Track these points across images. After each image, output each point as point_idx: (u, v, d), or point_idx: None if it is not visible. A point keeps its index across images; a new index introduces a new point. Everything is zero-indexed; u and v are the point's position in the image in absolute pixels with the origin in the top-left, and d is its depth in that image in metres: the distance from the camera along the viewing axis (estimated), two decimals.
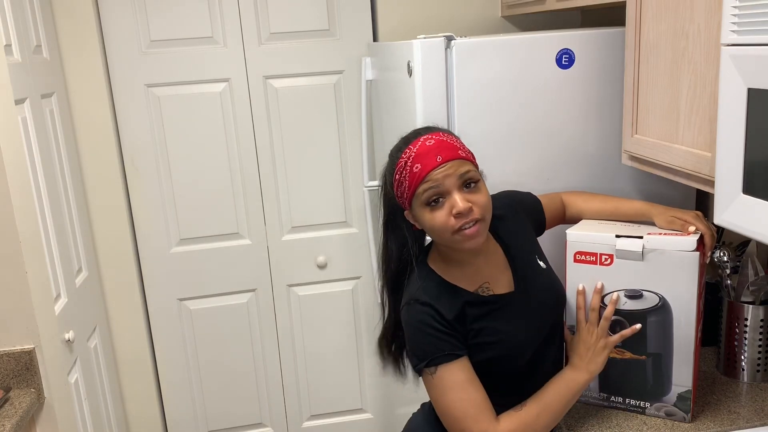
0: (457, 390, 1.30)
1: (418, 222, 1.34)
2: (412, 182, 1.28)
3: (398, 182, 1.32)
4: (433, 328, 1.30)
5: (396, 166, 1.32)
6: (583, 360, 1.39)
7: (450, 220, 1.27)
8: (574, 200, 1.64)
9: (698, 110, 1.32)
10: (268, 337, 2.67)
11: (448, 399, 1.31)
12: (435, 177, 1.27)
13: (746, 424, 1.43)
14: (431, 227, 1.30)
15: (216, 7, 2.36)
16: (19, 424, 1.55)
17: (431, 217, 1.29)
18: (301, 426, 2.77)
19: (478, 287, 1.37)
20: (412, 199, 1.31)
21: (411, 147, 1.31)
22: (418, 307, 1.32)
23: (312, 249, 2.60)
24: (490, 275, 1.39)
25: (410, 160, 1.29)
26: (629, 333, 1.41)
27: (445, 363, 1.30)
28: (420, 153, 1.29)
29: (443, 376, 1.30)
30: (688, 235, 1.38)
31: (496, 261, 1.42)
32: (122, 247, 2.44)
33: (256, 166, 2.51)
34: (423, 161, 1.28)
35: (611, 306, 1.42)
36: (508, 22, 2.48)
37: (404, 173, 1.30)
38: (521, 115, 1.75)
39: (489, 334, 1.34)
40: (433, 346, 1.30)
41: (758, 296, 1.57)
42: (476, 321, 1.34)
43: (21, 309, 1.67)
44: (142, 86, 2.38)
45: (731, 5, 1.09)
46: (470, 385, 1.30)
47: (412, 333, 1.34)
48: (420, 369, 1.33)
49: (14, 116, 1.67)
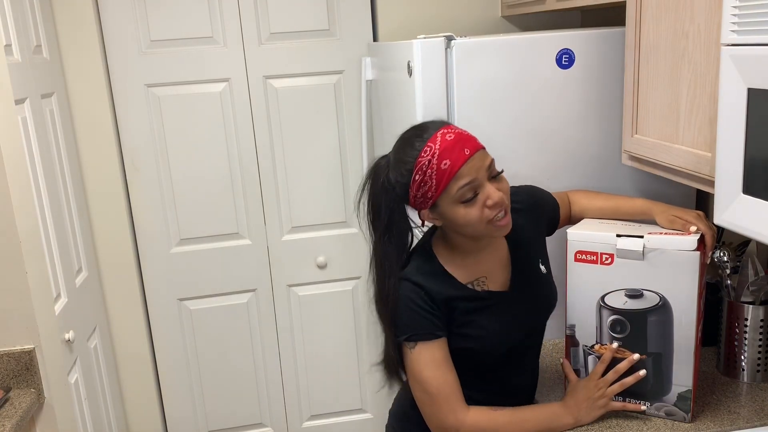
0: (433, 368, 1.33)
1: (444, 218, 1.30)
2: (442, 179, 1.24)
3: (420, 182, 1.26)
4: (418, 306, 1.32)
5: (416, 165, 1.26)
6: (578, 406, 1.42)
7: (485, 212, 1.26)
8: (577, 198, 1.65)
9: (698, 110, 1.32)
10: (268, 337, 2.67)
11: (425, 376, 1.34)
12: (468, 172, 1.24)
13: (746, 424, 1.43)
14: (466, 222, 1.27)
15: (216, 7, 2.36)
16: (19, 424, 1.55)
17: (466, 213, 1.26)
18: (301, 426, 2.77)
19: (474, 279, 1.38)
20: (439, 197, 1.26)
21: (431, 144, 1.25)
22: (408, 285, 1.34)
23: (312, 249, 2.60)
24: (489, 270, 1.40)
25: (435, 157, 1.24)
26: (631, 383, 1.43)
27: (424, 341, 1.33)
28: (445, 149, 1.24)
29: (422, 353, 1.33)
30: (689, 234, 1.38)
31: (499, 257, 1.42)
32: (122, 247, 2.44)
33: (256, 166, 2.51)
34: (451, 157, 1.24)
35: (626, 363, 1.43)
36: (508, 22, 2.48)
37: (430, 172, 1.24)
38: (521, 115, 1.75)
39: (474, 327, 1.36)
40: (416, 323, 1.33)
41: (758, 296, 1.57)
42: (464, 314, 1.36)
43: (21, 309, 1.67)
44: (142, 86, 2.38)
45: (731, 5, 1.09)
46: (446, 366, 1.34)
47: (398, 307, 1.35)
48: (400, 342, 1.35)
49: (14, 116, 1.67)
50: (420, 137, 1.28)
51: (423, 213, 1.33)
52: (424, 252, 1.39)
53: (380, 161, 1.36)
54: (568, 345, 1.53)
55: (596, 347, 1.49)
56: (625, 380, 1.44)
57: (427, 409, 1.37)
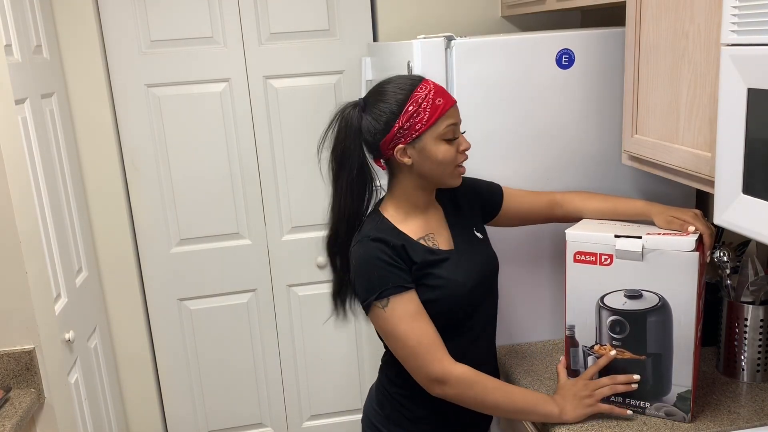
0: (409, 321, 1.34)
1: (420, 155, 1.37)
2: (435, 113, 1.34)
3: (413, 113, 1.34)
4: (384, 261, 1.35)
5: (412, 96, 1.35)
6: (566, 402, 1.43)
7: (457, 156, 1.40)
8: (571, 199, 1.65)
9: (698, 110, 1.32)
10: (268, 337, 2.67)
11: (402, 330, 1.35)
12: (454, 114, 1.38)
13: (746, 424, 1.43)
14: (443, 159, 1.38)
15: (216, 7, 2.36)
16: (19, 424, 1.55)
17: (445, 150, 1.37)
18: (301, 426, 2.77)
19: (425, 235, 1.44)
20: (427, 130, 1.35)
21: (427, 83, 1.37)
22: (369, 244, 1.37)
23: (312, 249, 2.60)
24: (434, 229, 1.47)
25: (431, 93, 1.35)
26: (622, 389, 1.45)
27: (396, 294, 1.34)
28: (439, 90, 1.37)
29: (395, 307, 1.34)
30: (687, 235, 1.38)
31: (438, 219, 1.50)
32: (122, 247, 2.44)
33: (256, 166, 2.51)
34: (444, 97, 1.36)
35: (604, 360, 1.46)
36: (508, 22, 2.48)
37: (425, 105, 1.34)
38: (521, 115, 1.75)
39: (433, 278, 1.40)
40: (384, 278, 1.35)
41: (758, 296, 1.57)
42: (421, 268, 1.39)
43: (21, 309, 1.67)
44: (142, 86, 2.38)
45: (731, 5, 1.09)
46: (421, 318, 1.35)
47: (362, 269, 1.38)
48: (370, 303, 1.36)
49: (14, 116, 1.67)
50: (410, 79, 1.39)
51: (397, 149, 1.37)
52: (375, 215, 1.45)
53: (347, 107, 1.41)
54: (568, 345, 1.53)
55: (596, 348, 1.49)
56: (616, 386, 1.45)
57: (411, 364, 1.37)
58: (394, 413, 1.51)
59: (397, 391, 1.50)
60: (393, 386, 1.51)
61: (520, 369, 1.74)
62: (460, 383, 1.35)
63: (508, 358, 1.80)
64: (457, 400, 1.38)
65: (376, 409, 1.56)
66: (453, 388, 1.35)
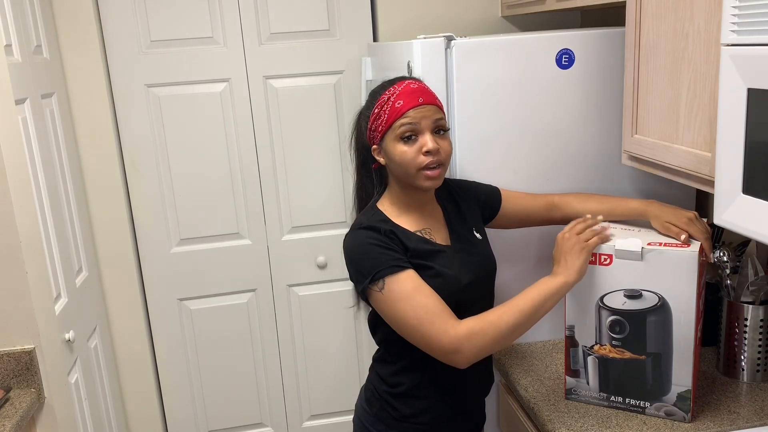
0: (407, 299, 1.32)
1: (386, 156, 1.41)
2: (392, 116, 1.37)
3: (376, 115, 1.40)
4: (375, 245, 1.36)
5: (377, 101, 1.41)
6: (560, 266, 1.40)
7: (419, 157, 1.37)
8: (568, 201, 1.65)
9: (698, 110, 1.32)
10: (268, 337, 2.67)
11: (400, 309, 1.33)
12: (414, 115, 1.37)
13: (746, 424, 1.43)
14: (401, 161, 1.38)
15: (216, 7, 2.36)
16: (19, 424, 1.56)
17: (403, 151, 1.37)
18: (301, 426, 2.77)
19: (421, 229, 1.44)
20: (387, 131, 1.39)
21: (396, 87, 1.40)
22: (360, 232, 1.39)
23: (312, 249, 2.60)
24: (431, 225, 1.47)
25: (393, 96, 1.39)
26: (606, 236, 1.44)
27: (391, 274, 1.33)
28: (404, 92, 1.39)
29: (392, 288, 1.33)
30: (684, 247, 1.38)
31: (436, 217, 1.50)
32: (122, 247, 2.44)
33: (256, 166, 2.51)
34: (405, 99, 1.38)
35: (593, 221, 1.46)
36: (508, 22, 2.48)
37: (385, 107, 1.39)
38: (521, 115, 1.75)
39: (427, 269, 1.39)
40: (377, 261, 1.35)
41: (758, 296, 1.57)
42: (416, 257, 1.39)
43: (21, 309, 1.67)
44: (142, 86, 2.38)
45: (731, 5, 1.09)
46: (420, 293, 1.33)
47: (355, 256, 1.39)
48: (366, 288, 1.36)
49: (14, 116, 1.67)
50: (393, 81, 1.44)
51: (373, 149, 1.44)
52: (370, 209, 1.47)
53: (362, 107, 1.51)
54: (568, 345, 1.53)
55: (595, 348, 1.49)
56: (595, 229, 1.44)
57: (422, 344, 1.34)
58: (382, 412, 1.51)
59: (385, 390, 1.50)
60: (382, 384, 1.51)
61: (520, 369, 1.74)
62: (472, 340, 1.30)
63: (508, 358, 1.80)
64: (484, 354, 1.33)
65: (365, 407, 1.56)
66: (469, 348, 1.30)
